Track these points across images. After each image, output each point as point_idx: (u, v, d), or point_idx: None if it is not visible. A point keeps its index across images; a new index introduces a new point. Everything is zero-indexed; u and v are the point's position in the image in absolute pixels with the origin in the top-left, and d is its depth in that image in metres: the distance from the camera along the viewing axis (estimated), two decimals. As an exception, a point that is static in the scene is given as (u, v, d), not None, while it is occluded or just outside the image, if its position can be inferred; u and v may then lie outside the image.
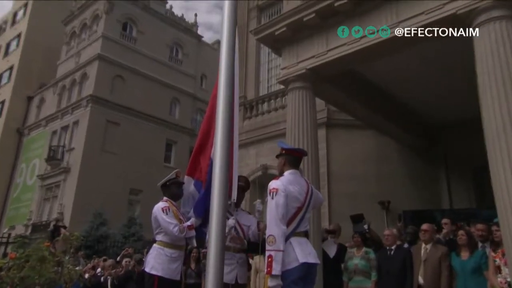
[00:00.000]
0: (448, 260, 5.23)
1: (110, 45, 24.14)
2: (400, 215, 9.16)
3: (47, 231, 19.84)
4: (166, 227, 3.96)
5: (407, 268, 5.55)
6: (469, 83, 5.81)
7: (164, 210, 4.02)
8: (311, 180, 6.47)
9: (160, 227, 4.04)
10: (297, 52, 7.60)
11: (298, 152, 3.66)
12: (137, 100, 24.33)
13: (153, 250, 4.11)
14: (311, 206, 3.43)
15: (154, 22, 26.90)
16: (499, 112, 5.05)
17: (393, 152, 10.85)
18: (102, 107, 22.99)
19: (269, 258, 3.04)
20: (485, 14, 5.48)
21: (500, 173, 4.89)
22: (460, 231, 5.35)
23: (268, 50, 12.75)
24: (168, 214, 4.00)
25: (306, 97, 7.37)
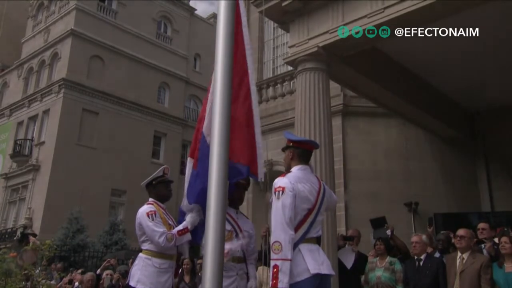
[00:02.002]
0: (490, 272, 5.24)
1: (86, 19, 24.16)
2: (430, 218, 9.19)
3: (13, 240, 20.09)
4: (151, 236, 3.99)
5: (440, 282, 5.58)
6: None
7: (149, 215, 4.03)
8: (325, 178, 6.52)
9: (145, 234, 4.06)
10: (307, 27, 7.61)
11: (308, 145, 3.69)
12: (119, 85, 24.41)
13: (139, 260, 4.13)
14: (323, 208, 3.46)
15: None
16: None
17: (423, 145, 10.86)
18: (77, 94, 23.08)
19: (274, 268, 3.06)
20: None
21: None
22: (503, 238, 5.33)
23: (273, 25, 12.72)
24: (155, 220, 4.01)
25: (318, 80, 7.38)
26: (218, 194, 2.12)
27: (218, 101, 2.26)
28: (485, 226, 6.16)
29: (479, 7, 6.42)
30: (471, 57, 8.31)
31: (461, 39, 7.73)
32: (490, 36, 7.48)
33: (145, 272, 4.01)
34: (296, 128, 7.36)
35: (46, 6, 26.80)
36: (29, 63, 26.20)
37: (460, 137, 10.91)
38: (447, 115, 10.40)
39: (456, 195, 10.48)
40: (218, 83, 2.29)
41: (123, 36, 25.45)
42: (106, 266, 9.47)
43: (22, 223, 21.28)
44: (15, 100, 26.16)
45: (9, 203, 24.01)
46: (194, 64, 29.75)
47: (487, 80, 9.12)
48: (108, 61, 24.58)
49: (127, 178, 22.48)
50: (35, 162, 22.65)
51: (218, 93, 2.27)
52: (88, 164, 22.19)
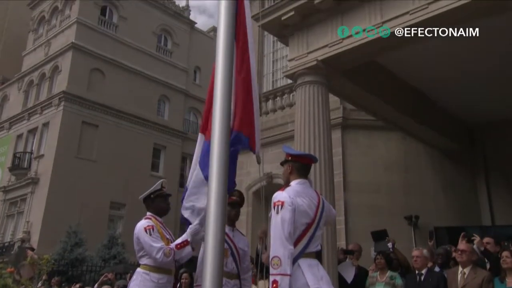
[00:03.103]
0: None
1: (86, 33, 24.32)
2: (431, 232, 9.15)
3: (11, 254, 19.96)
4: (149, 251, 3.98)
5: (441, 297, 5.55)
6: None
7: (147, 229, 4.01)
8: (324, 191, 6.52)
9: (143, 249, 4.05)
10: (307, 41, 7.66)
11: (307, 159, 3.70)
12: (119, 98, 24.47)
13: (137, 275, 4.11)
14: (322, 222, 3.45)
15: (139, 6, 27.11)
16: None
17: (423, 158, 10.86)
18: (77, 106, 23.14)
19: (273, 284, 3.05)
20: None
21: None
22: (505, 252, 5.32)
23: (273, 39, 12.81)
24: (152, 235, 3.99)
25: (318, 93, 7.41)
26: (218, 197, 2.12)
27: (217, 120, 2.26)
28: (489, 240, 6.15)
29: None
30: (470, 71, 8.35)
31: (461, 54, 7.80)
32: (490, 50, 7.54)
33: (143, 287, 3.99)
34: (296, 141, 7.37)
35: (47, 20, 26.99)
36: (30, 76, 26.31)
37: (460, 150, 10.91)
38: (447, 128, 10.41)
39: (456, 208, 10.45)
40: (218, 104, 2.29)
41: (123, 49, 25.60)
42: (104, 281, 9.40)
43: (20, 237, 21.14)
44: (15, 113, 26.22)
45: (7, 217, 23.92)
46: (194, 77, 29.89)
47: (486, 93, 9.15)
48: (108, 74, 24.69)
49: (126, 191, 22.43)
50: (34, 175, 22.61)
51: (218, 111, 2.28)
52: (87, 177, 22.15)
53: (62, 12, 26.03)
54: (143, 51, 26.58)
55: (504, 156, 10.41)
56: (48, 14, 27.02)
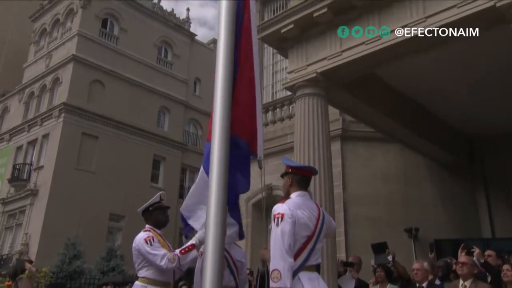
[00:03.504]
0: (491, 301, 5.19)
1: (87, 45, 24.44)
2: (431, 244, 9.12)
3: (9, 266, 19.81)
4: (152, 261, 3.94)
5: (441, 310, 5.52)
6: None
7: (147, 241, 3.99)
8: (324, 203, 6.51)
9: (144, 261, 4.03)
10: (306, 53, 7.72)
11: (307, 171, 3.69)
12: (119, 110, 24.50)
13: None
14: (322, 235, 3.44)
15: (139, 18, 27.29)
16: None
17: (422, 170, 10.86)
18: (77, 118, 23.16)
19: (274, 297, 3.04)
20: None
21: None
22: (505, 265, 5.30)
23: (272, 51, 12.88)
24: (153, 245, 3.98)
25: (317, 105, 7.44)
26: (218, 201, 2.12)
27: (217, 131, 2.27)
28: (491, 253, 6.13)
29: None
30: (469, 84, 8.40)
31: (459, 67, 7.85)
32: (489, 65, 7.59)
33: None
34: (295, 152, 7.38)
35: (49, 32, 27.11)
36: (30, 88, 26.36)
37: (459, 162, 10.91)
38: (446, 141, 10.43)
39: (456, 221, 10.42)
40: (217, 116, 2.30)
41: (124, 61, 25.69)
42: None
43: (18, 249, 21.03)
44: (15, 125, 26.19)
45: (5, 229, 23.76)
46: (194, 88, 29.95)
47: (485, 106, 9.19)
48: (108, 86, 24.75)
49: (125, 202, 22.33)
50: (33, 186, 22.51)
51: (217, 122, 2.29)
52: (87, 189, 22.06)
53: (63, 24, 26.17)
54: (143, 62, 26.67)
55: (503, 169, 10.41)
56: (49, 26, 27.16)
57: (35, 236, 20.87)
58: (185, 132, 28.43)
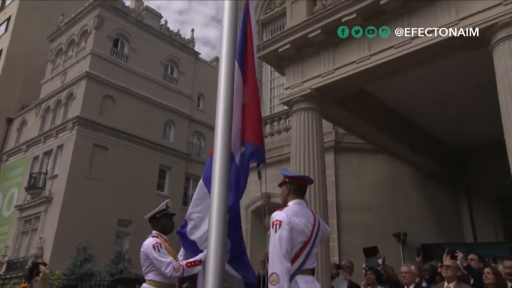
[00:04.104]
0: (475, 302, 5.14)
1: (100, 63, 24.52)
2: (418, 249, 9.05)
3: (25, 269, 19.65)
4: (158, 267, 3.91)
5: (428, 311, 5.46)
6: (493, 104, 5.87)
7: (155, 247, 3.96)
8: (319, 210, 6.47)
9: (151, 265, 3.98)
10: (301, 71, 7.73)
11: (303, 180, 3.67)
12: (128, 123, 24.51)
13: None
14: (318, 240, 3.41)
15: (148, 38, 27.42)
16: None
17: (409, 179, 10.83)
18: (89, 130, 23.15)
19: (272, 299, 3.00)
20: (505, 30, 5.59)
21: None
22: (487, 269, 5.26)
23: (270, 69, 12.92)
24: (161, 251, 3.94)
25: (312, 119, 7.44)
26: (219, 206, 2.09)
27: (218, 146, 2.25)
28: (474, 257, 6.09)
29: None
30: (454, 99, 8.41)
31: (443, 85, 7.87)
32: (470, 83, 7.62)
33: None
34: (292, 163, 7.35)
35: (65, 51, 27.24)
36: (47, 103, 26.38)
37: (444, 172, 10.89)
38: (431, 152, 10.42)
39: (441, 227, 10.38)
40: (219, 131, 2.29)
41: (133, 77, 25.76)
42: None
43: (33, 253, 20.88)
44: (32, 136, 26.16)
45: (22, 233, 23.61)
46: (197, 103, 29.99)
47: (467, 120, 9.19)
48: (119, 100, 24.79)
49: (133, 209, 22.23)
50: (48, 194, 22.43)
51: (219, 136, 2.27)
52: (97, 196, 21.97)
53: (78, 44, 26.28)
54: (151, 79, 26.74)
55: (484, 178, 10.39)
56: (65, 46, 27.27)
57: (49, 241, 20.74)
58: (189, 143, 28.41)
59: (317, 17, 7.37)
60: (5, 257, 23.03)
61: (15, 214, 24.16)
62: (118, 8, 26.39)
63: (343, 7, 7.03)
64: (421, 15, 6.40)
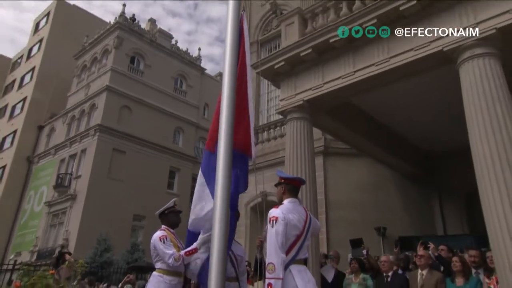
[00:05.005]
0: (444, 287, 5.12)
1: (118, 78, 24.52)
2: (396, 241, 9.04)
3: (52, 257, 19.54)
4: (162, 257, 3.91)
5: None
6: (459, 114, 5.88)
7: (161, 239, 3.97)
8: (309, 207, 6.44)
9: (158, 255, 3.98)
10: (295, 85, 7.73)
11: (297, 181, 3.65)
12: (143, 129, 24.47)
13: (153, 278, 4.03)
14: (309, 234, 3.38)
15: (160, 56, 27.44)
16: (486, 142, 5.09)
17: (389, 180, 10.81)
18: (109, 136, 23.10)
19: (269, 286, 2.98)
20: (469, 51, 5.63)
21: (490, 201, 4.88)
22: (454, 257, 5.26)
23: (267, 82, 12.94)
24: (166, 243, 3.94)
25: (303, 127, 7.43)
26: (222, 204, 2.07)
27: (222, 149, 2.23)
28: (443, 247, 6.09)
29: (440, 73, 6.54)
30: (426, 111, 8.42)
31: (418, 97, 7.87)
32: (441, 95, 7.63)
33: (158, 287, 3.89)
34: (286, 166, 7.33)
35: (88, 67, 27.25)
36: (72, 112, 26.34)
37: (419, 174, 10.88)
38: (408, 156, 10.41)
39: (416, 221, 10.35)
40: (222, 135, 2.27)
41: (147, 90, 25.75)
42: (127, 281, 9.16)
43: (60, 243, 20.76)
44: (60, 142, 26.10)
45: (50, 226, 23.49)
46: (203, 112, 29.97)
47: (439, 128, 9.20)
48: (135, 110, 24.77)
49: (146, 205, 22.10)
50: (73, 192, 22.34)
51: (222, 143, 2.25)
52: (116, 194, 21.91)
53: (100, 61, 26.29)
54: (163, 91, 26.73)
55: (453, 179, 10.38)
56: (89, 63, 27.28)
57: (74, 233, 20.65)
58: (196, 148, 28.35)
59: (308, 38, 7.39)
60: (36, 247, 22.95)
61: (45, 209, 24.05)
62: (135, 30, 26.44)
63: (331, 29, 7.05)
64: (398, 38, 6.42)
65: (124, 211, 21.84)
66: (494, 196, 4.83)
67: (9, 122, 30.16)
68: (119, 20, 25.85)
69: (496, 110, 5.16)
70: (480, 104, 5.30)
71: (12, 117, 30.20)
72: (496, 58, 5.52)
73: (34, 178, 27.01)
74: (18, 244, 24.80)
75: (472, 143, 5.30)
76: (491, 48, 5.54)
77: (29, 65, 31.33)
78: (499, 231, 4.68)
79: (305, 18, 8.01)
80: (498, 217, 4.73)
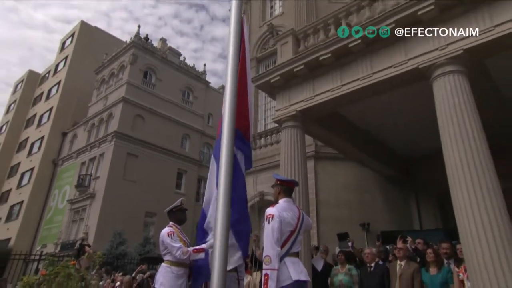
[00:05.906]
0: (420, 276, 5.12)
1: (133, 90, 24.54)
2: (378, 235, 9.02)
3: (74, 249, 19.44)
4: (170, 250, 3.89)
5: (385, 283, 5.42)
6: (433, 124, 5.91)
7: (169, 234, 3.95)
8: (302, 206, 6.44)
9: (166, 249, 3.96)
10: (289, 97, 7.76)
11: (291, 183, 3.64)
12: (154, 136, 24.45)
13: (161, 268, 4.02)
14: (302, 230, 3.38)
15: (170, 71, 27.48)
16: (456, 148, 5.12)
17: (373, 182, 10.83)
18: (124, 142, 23.05)
19: (265, 276, 2.97)
20: (441, 69, 5.67)
21: (460, 200, 4.91)
22: (428, 249, 5.27)
23: (265, 95, 12.99)
24: (173, 238, 3.92)
25: (297, 134, 7.44)
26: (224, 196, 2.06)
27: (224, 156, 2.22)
28: (420, 241, 6.10)
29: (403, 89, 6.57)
30: (404, 120, 8.45)
31: (398, 108, 7.90)
32: (418, 106, 7.66)
33: (166, 277, 3.89)
34: (281, 169, 7.33)
35: (106, 81, 27.28)
36: (92, 121, 26.31)
37: (399, 176, 10.90)
38: (390, 161, 10.43)
39: (396, 218, 10.35)
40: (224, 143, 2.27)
41: (158, 101, 25.76)
42: (139, 271, 9.11)
43: (80, 237, 20.64)
44: (80, 146, 26.06)
45: (72, 222, 23.35)
46: (207, 121, 29.97)
47: (416, 136, 9.23)
48: (147, 119, 24.75)
49: (157, 204, 22.04)
50: (92, 191, 22.24)
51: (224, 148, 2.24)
52: (130, 193, 21.83)
53: (117, 76, 26.31)
54: (172, 102, 26.75)
55: (429, 181, 10.40)
56: (107, 77, 27.30)
57: (93, 227, 20.53)
58: (201, 152, 28.31)
59: (300, 56, 7.42)
60: (59, 240, 22.83)
61: (67, 206, 23.94)
62: (148, 48, 26.50)
63: (320, 48, 7.09)
64: (379, 56, 6.46)
65: (137, 208, 21.75)
66: (463, 196, 4.86)
67: (37, 129, 30.27)
68: (134, 39, 25.91)
69: (464, 120, 5.20)
70: (451, 115, 5.34)
71: (40, 125, 30.25)
72: (464, 75, 5.58)
73: (58, 178, 26.94)
74: (44, 237, 24.67)
75: (444, 149, 5.33)
76: (460, 66, 5.60)
77: (55, 79, 31.45)
78: (467, 226, 4.71)
79: (298, 38, 8.05)
80: (467, 214, 4.76)
